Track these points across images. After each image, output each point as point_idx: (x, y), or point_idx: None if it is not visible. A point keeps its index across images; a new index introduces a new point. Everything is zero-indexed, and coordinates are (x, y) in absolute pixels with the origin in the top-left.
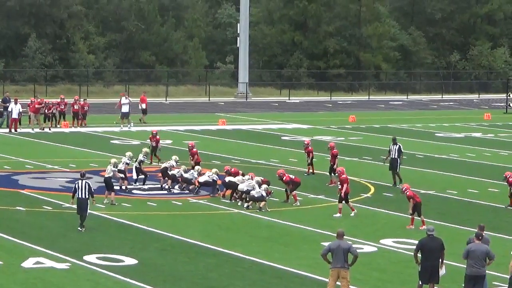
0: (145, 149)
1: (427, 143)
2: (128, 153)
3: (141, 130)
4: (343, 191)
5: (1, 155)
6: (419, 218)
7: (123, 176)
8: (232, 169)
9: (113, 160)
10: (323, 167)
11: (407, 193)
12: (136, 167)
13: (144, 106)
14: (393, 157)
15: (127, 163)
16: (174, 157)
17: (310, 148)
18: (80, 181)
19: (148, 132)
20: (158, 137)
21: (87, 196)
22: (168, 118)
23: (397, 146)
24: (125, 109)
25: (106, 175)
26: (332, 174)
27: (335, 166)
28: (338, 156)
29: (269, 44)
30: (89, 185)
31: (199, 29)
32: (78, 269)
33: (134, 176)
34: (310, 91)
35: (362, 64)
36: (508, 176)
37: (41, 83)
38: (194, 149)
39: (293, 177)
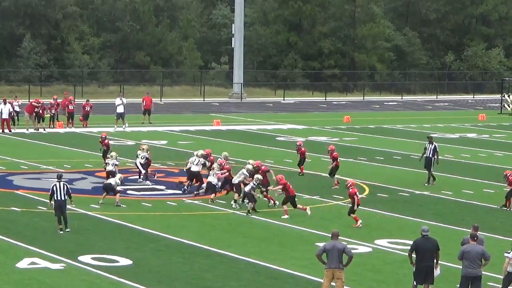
0: (145, 146)
1: (422, 144)
2: (113, 153)
3: (136, 130)
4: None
5: None
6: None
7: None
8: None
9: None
10: (317, 167)
11: (350, 190)
12: (140, 163)
13: (145, 105)
14: (428, 156)
15: (116, 164)
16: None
17: (303, 149)
18: (57, 183)
19: (144, 133)
20: (107, 141)
21: (65, 198)
22: (163, 118)
23: (433, 145)
24: (119, 109)
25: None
26: (334, 176)
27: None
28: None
29: (264, 45)
30: (66, 186)
31: (193, 29)
32: (72, 270)
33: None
34: (305, 91)
35: (356, 64)
36: (508, 175)
37: (36, 84)
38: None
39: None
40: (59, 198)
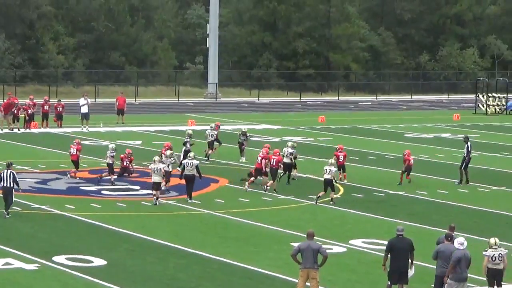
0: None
1: (396, 144)
2: (112, 145)
3: (111, 131)
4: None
5: None
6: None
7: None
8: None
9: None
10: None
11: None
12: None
13: (118, 105)
14: (464, 155)
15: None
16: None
17: (339, 152)
18: (5, 171)
19: (119, 133)
20: None
21: (11, 185)
22: (138, 118)
23: (466, 144)
24: (84, 110)
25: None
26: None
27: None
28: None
29: (239, 45)
30: (13, 174)
31: (168, 29)
32: (47, 270)
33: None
34: (280, 91)
35: (331, 64)
36: (405, 154)
37: (10, 84)
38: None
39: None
40: (5, 185)
